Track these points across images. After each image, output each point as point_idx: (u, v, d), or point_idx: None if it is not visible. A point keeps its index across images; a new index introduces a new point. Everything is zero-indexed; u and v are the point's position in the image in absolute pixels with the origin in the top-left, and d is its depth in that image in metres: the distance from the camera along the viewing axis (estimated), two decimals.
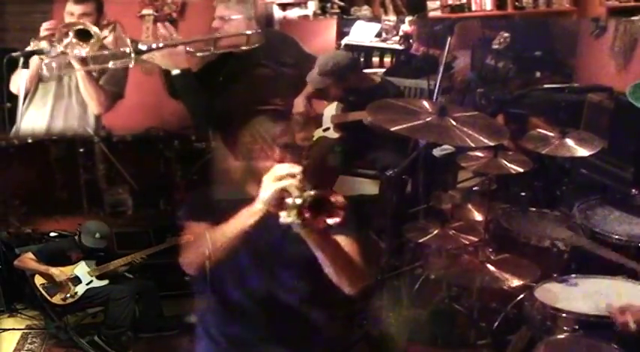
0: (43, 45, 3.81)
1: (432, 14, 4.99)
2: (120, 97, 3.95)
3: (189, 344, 2.57)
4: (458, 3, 4.92)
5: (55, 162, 4.14)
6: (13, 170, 4.09)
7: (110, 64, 3.53)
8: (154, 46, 3.34)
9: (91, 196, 4.20)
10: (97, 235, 4.04)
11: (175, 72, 3.38)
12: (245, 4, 3.53)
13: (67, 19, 3.81)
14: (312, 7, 5.05)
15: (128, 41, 3.30)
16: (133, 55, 3.28)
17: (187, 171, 4.11)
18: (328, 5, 5.06)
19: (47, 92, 3.88)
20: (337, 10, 5.14)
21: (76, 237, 4.10)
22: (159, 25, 3.80)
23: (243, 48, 3.47)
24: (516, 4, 4.95)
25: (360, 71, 4.60)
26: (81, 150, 4.08)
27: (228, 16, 3.55)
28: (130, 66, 3.46)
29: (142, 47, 3.32)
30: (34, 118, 3.90)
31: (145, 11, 4.65)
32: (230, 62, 3.58)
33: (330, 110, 4.46)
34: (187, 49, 3.40)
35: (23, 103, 3.73)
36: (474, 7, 4.99)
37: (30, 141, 3.94)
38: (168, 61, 3.38)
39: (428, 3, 4.99)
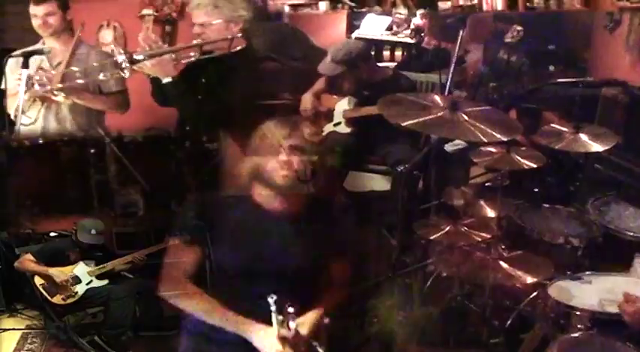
0: (42, 45, 3.85)
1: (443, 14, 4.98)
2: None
3: None
4: (469, 3, 4.90)
5: (66, 163, 4.12)
6: (25, 171, 4.08)
7: (101, 76, 3.58)
8: (147, 55, 3.36)
9: (103, 197, 4.20)
10: (93, 231, 4.06)
11: (166, 80, 3.40)
12: (222, 9, 3.53)
13: (33, 21, 3.83)
14: (322, 7, 5.04)
15: (122, 51, 3.31)
16: (127, 65, 3.29)
17: (199, 171, 4.10)
18: (339, 6, 5.06)
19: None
20: (348, 11, 5.14)
21: (73, 237, 4.11)
22: (140, 36, 3.81)
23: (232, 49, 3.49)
24: (527, 4, 4.91)
25: (372, 61, 4.55)
26: (92, 151, 4.07)
27: (208, 21, 3.56)
28: (126, 76, 3.48)
29: (138, 57, 3.34)
30: (26, 122, 3.95)
31: (145, 11, 4.68)
32: (233, 58, 3.57)
33: (341, 105, 4.42)
34: (173, 56, 3.42)
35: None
36: (485, 8, 4.97)
37: (41, 141, 3.93)
38: (158, 70, 3.41)
39: (439, 4, 4.98)
